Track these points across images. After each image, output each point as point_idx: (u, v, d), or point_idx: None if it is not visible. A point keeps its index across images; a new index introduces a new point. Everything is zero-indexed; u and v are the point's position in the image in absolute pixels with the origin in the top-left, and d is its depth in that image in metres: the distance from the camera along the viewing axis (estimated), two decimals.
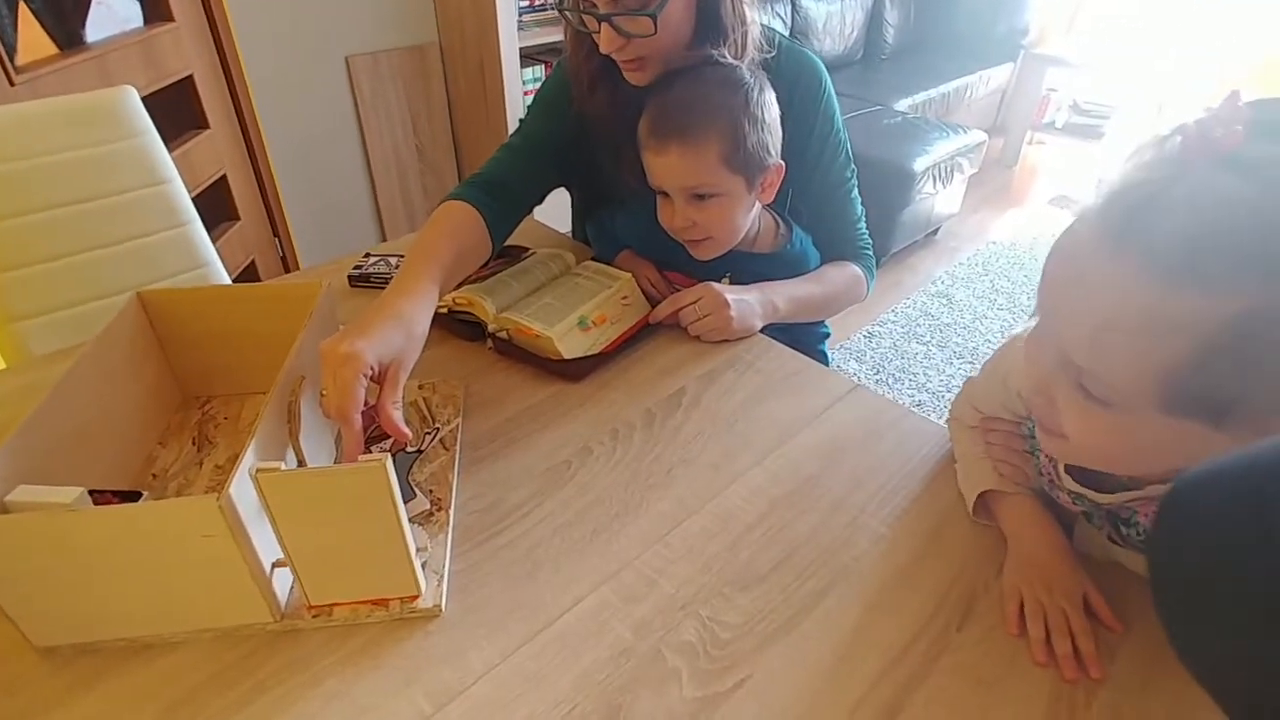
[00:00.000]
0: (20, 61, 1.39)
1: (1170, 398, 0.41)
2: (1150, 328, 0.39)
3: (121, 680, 0.53)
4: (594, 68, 0.89)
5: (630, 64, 0.83)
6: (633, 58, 0.82)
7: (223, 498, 0.48)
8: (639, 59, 0.82)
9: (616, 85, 0.89)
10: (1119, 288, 0.40)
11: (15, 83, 1.34)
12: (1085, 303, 0.43)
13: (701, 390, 0.82)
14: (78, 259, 1.14)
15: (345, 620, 0.56)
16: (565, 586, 0.60)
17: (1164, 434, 0.43)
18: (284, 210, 2.26)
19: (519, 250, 1.04)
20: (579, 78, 0.91)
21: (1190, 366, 0.39)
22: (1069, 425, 0.47)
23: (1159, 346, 0.39)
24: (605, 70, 0.89)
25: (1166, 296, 0.39)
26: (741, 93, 0.83)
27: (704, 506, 0.68)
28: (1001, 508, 0.66)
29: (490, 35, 2.25)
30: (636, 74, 0.85)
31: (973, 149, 2.70)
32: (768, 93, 0.86)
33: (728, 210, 0.87)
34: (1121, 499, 0.56)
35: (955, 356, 2.25)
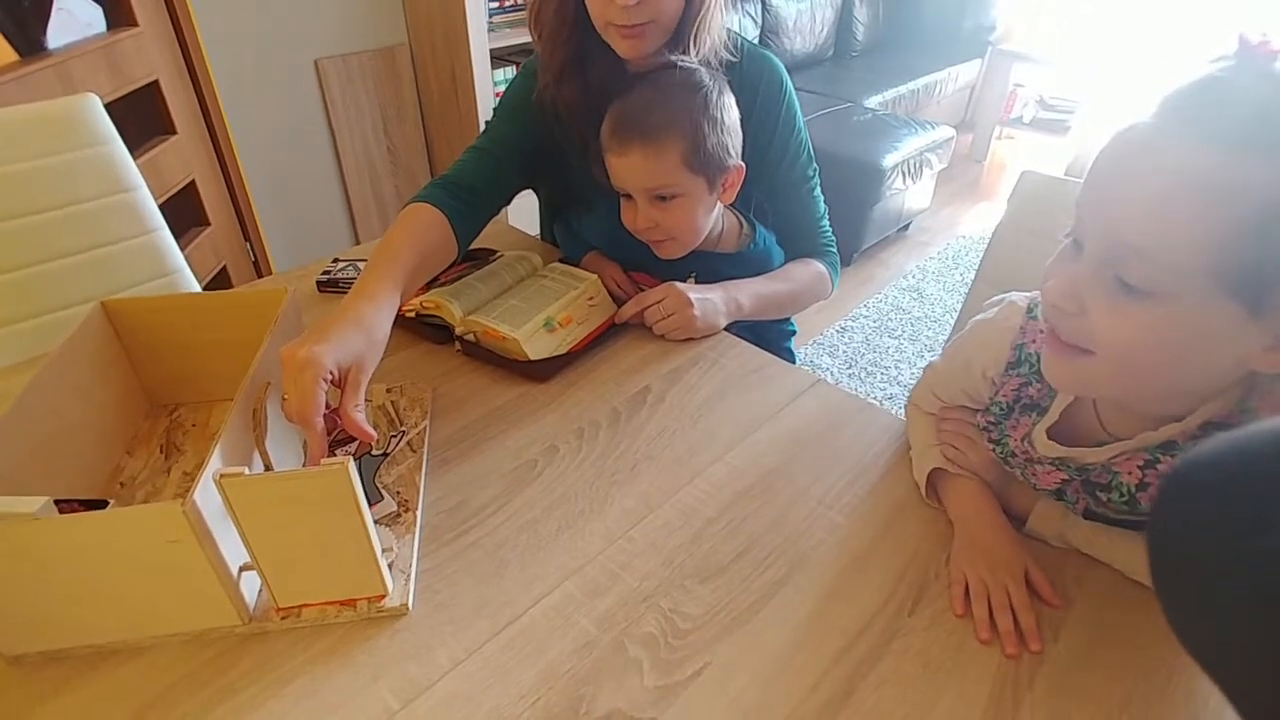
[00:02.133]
0: None
1: (1223, 269, 0.42)
2: (1216, 192, 0.41)
3: (90, 687, 0.54)
4: (568, 54, 0.90)
5: (633, 30, 0.82)
6: (642, 21, 0.81)
7: (187, 503, 0.49)
8: (646, 24, 0.82)
9: (587, 76, 0.91)
10: (1185, 156, 0.42)
11: None
12: (1148, 178, 0.44)
13: (666, 388, 0.84)
14: (42, 269, 1.13)
15: (313, 621, 0.57)
16: (531, 583, 0.62)
17: (1201, 324, 0.44)
18: (255, 214, 2.24)
19: (487, 253, 1.05)
20: (549, 66, 0.91)
21: (1250, 234, 0.40)
22: (1100, 327, 0.47)
23: (1222, 211, 0.41)
24: (576, 59, 0.90)
25: (1232, 163, 0.41)
26: (701, 95, 0.85)
27: (667, 501, 0.70)
28: (948, 490, 0.68)
29: (460, 36, 2.26)
30: (636, 42, 0.84)
31: (942, 144, 2.75)
32: (727, 95, 0.88)
33: (689, 211, 0.89)
34: (1108, 452, 0.57)
35: (926, 350, 2.29)
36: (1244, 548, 0.30)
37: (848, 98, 3.04)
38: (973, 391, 0.68)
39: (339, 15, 2.25)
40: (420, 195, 0.88)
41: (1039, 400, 0.62)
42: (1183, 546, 0.34)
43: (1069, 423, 0.61)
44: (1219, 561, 0.32)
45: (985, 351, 0.65)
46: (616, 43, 0.85)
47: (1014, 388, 0.63)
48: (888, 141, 2.61)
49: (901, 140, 2.63)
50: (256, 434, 0.61)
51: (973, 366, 0.66)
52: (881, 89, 3.19)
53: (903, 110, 3.23)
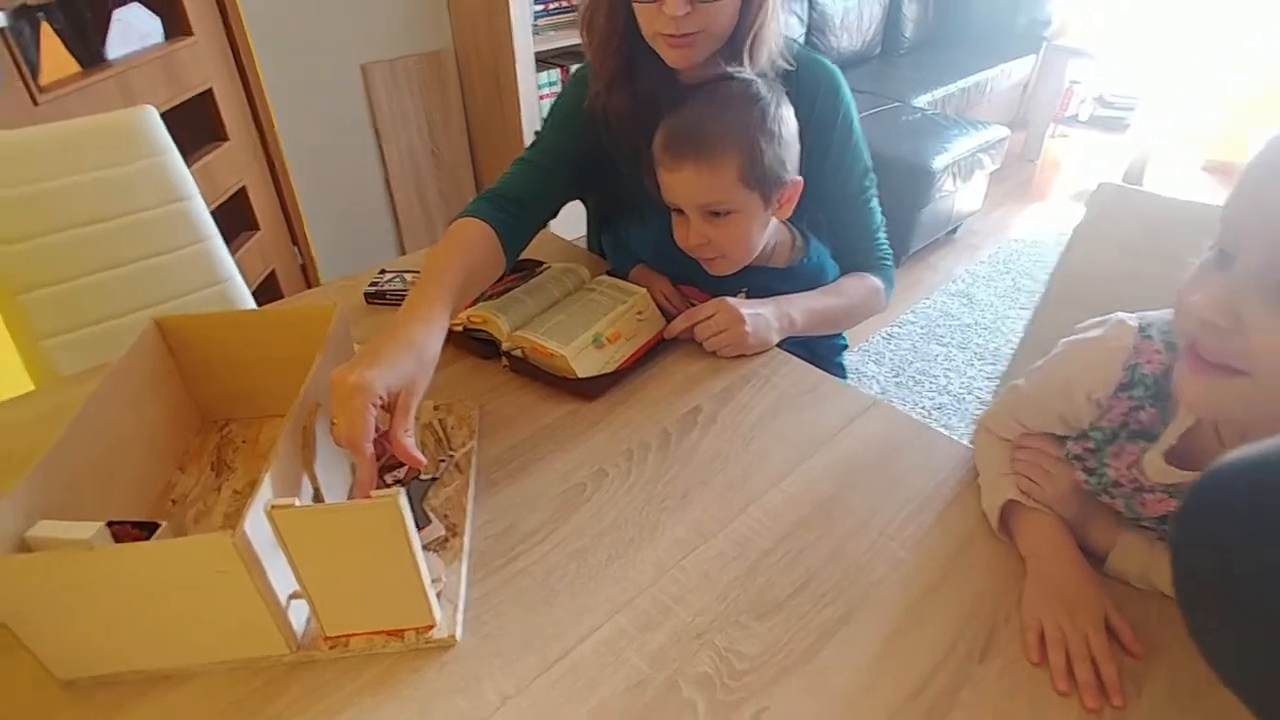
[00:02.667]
0: (44, 81, 1.41)
1: None
2: None
3: (141, 713, 0.54)
4: (619, 63, 0.88)
5: (683, 39, 0.80)
6: (692, 31, 0.79)
7: (237, 535, 0.48)
8: (696, 34, 0.80)
9: (638, 84, 0.89)
10: None
11: (39, 102, 1.36)
12: None
13: (717, 408, 0.82)
14: (100, 277, 1.16)
15: (361, 651, 0.56)
16: (580, 615, 0.60)
17: None
18: (303, 219, 2.28)
19: (533, 264, 1.04)
20: (601, 73, 0.90)
21: None
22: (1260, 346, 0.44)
23: None
24: (630, 66, 0.88)
25: None
26: (758, 107, 0.82)
27: (721, 530, 0.67)
28: (1021, 525, 0.64)
29: (504, 40, 2.26)
30: (685, 51, 0.82)
31: (994, 145, 2.66)
32: (785, 108, 0.85)
33: (743, 227, 0.86)
34: None
35: (976, 358, 2.22)
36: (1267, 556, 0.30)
37: (896, 97, 2.96)
38: (1071, 416, 0.64)
39: (385, 20, 2.27)
40: (468, 209, 0.87)
41: (1149, 426, 0.58)
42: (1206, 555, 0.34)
43: (1184, 446, 0.57)
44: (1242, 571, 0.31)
45: (1092, 373, 0.61)
46: (665, 52, 0.83)
47: (1123, 411, 0.59)
48: (937, 142, 2.54)
49: (951, 140, 2.56)
50: (305, 457, 0.60)
51: (1075, 389, 0.62)
52: (931, 87, 3.10)
53: (952, 109, 3.14)
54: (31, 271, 1.11)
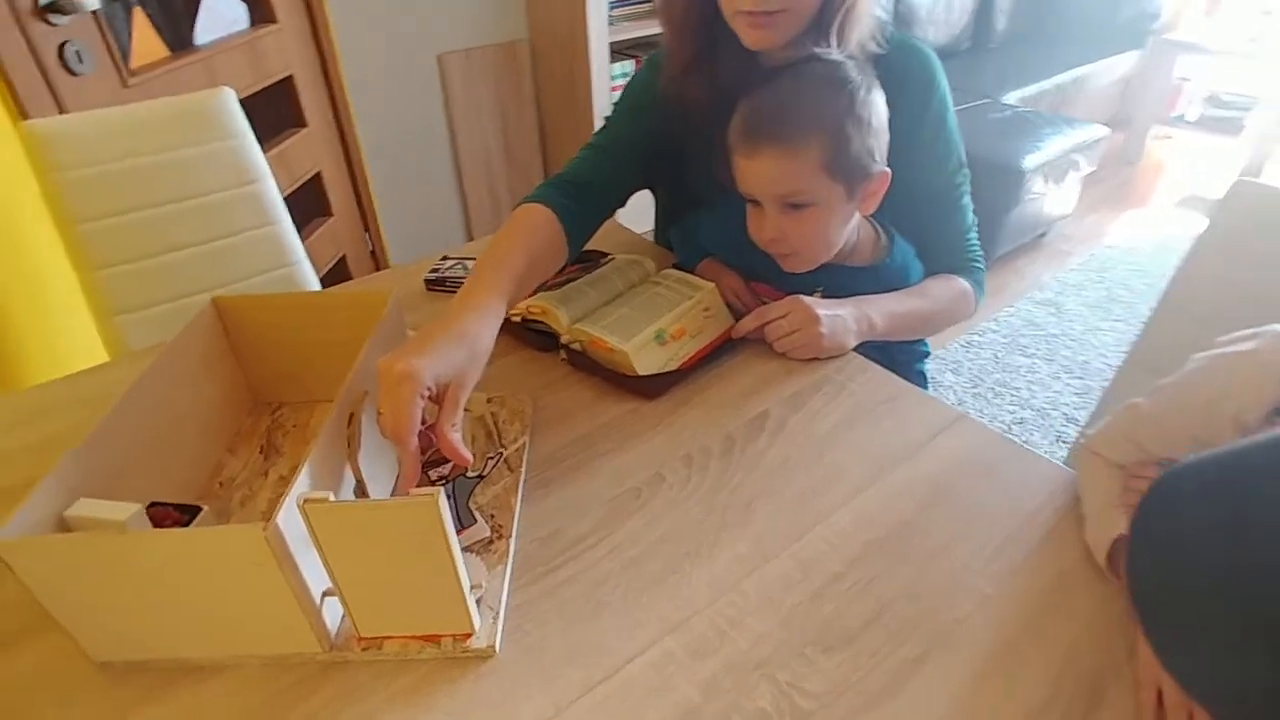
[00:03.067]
0: (134, 64, 1.46)
1: None
2: None
3: (171, 703, 0.52)
4: (695, 48, 0.83)
5: (764, 18, 0.75)
6: (774, 9, 0.74)
7: (269, 528, 0.45)
8: (779, 13, 0.74)
9: (715, 69, 0.84)
10: None
11: (129, 84, 1.40)
12: None
13: (787, 414, 0.76)
14: (173, 257, 1.18)
15: (395, 655, 0.53)
16: (629, 633, 0.55)
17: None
18: (375, 207, 2.31)
19: (597, 255, 1.00)
20: (676, 58, 0.86)
21: None
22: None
23: None
24: (706, 51, 0.83)
25: None
26: (846, 92, 0.76)
27: (785, 550, 0.61)
28: None
29: (580, 30, 2.23)
30: (766, 32, 0.76)
31: (1091, 145, 2.49)
32: (876, 93, 0.78)
33: (822, 221, 0.80)
34: None
35: (1063, 370, 2.08)
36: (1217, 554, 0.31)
37: (985, 93, 2.81)
38: (1207, 438, 0.55)
39: (463, 10, 2.27)
40: (533, 195, 0.84)
41: None
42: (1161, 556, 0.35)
43: None
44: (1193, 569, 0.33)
45: (1244, 392, 0.52)
46: (745, 33, 0.78)
47: None
48: (1029, 141, 2.39)
49: (1044, 139, 2.40)
50: (349, 448, 0.57)
51: (1220, 407, 0.53)
52: (1023, 83, 2.93)
53: (1046, 106, 2.95)
54: (109, 248, 1.13)
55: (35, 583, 0.48)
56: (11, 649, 0.55)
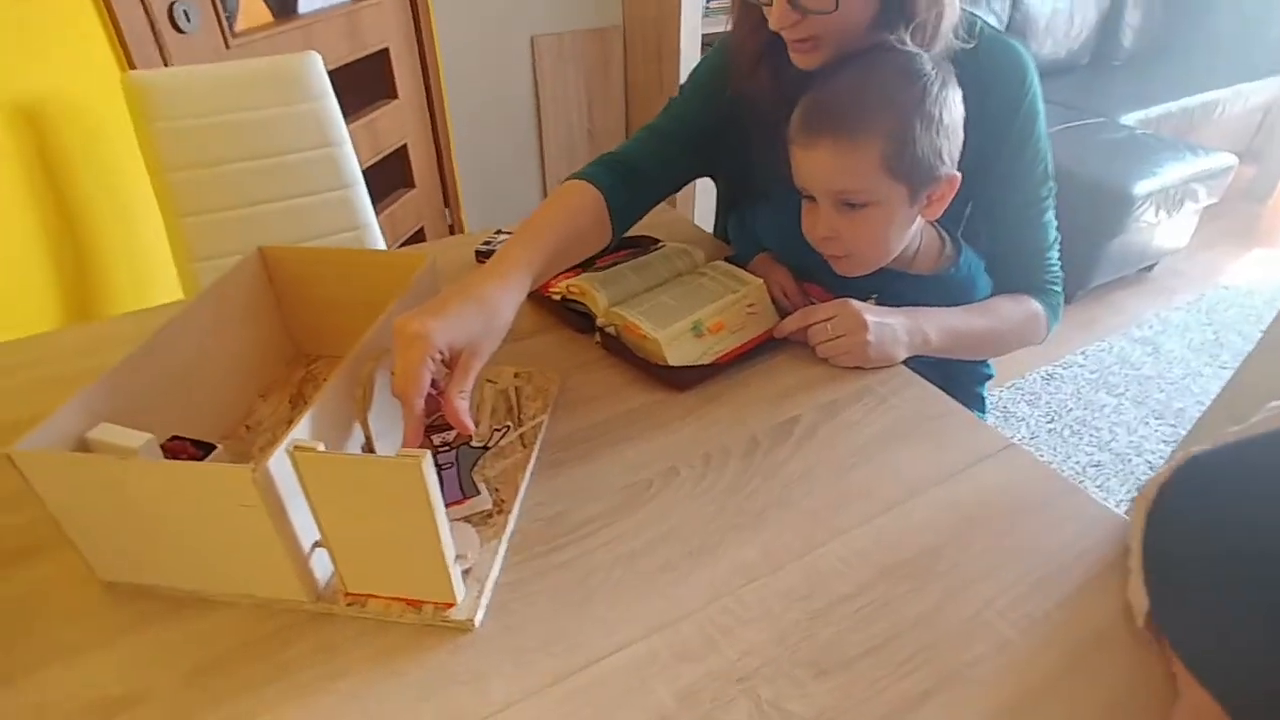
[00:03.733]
0: (239, 28, 1.53)
1: None
2: None
3: (165, 630, 0.53)
4: (758, 45, 0.80)
5: (801, 44, 0.73)
6: (805, 36, 0.71)
7: (258, 471, 0.45)
8: (812, 38, 0.72)
9: (781, 65, 0.80)
10: None
11: (230, 45, 1.47)
12: None
13: (819, 422, 0.72)
14: (251, 210, 1.23)
15: (378, 615, 0.53)
16: (614, 626, 0.53)
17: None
18: (457, 182, 2.36)
19: (648, 241, 0.98)
20: (740, 55, 0.83)
21: None
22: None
23: None
24: (770, 47, 0.80)
25: None
26: (918, 86, 0.70)
27: (794, 562, 0.58)
28: None
29: (672, 20, 2.21)
30: (806, 56, 0.74)
31: (1214, 175, 2.30)
32: (950, 90, 0.72)
33: (880, 223, 0.75)
34: None
35: (1153, 415, 1.93)
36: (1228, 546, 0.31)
37: (1101, 112, 2.63)
38: None
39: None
40: (583, 171, 0.82)
41: None
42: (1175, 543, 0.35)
43: None
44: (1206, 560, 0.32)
45: None
46: (791, 52, 0.75)
47: None
48: (1143, 165, 2.22)
49: (1161, 165, 2.23)
50: (360, 404, 0.57)
51: None
52: (1145, 104, 2.73)
53: (1169, 131, 2.74)
54: (194, 198, 1.19)
55: (49, 497, 0.50)
56: (28, 560, 0.58)
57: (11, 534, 0.60)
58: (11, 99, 1.08)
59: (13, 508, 0.62)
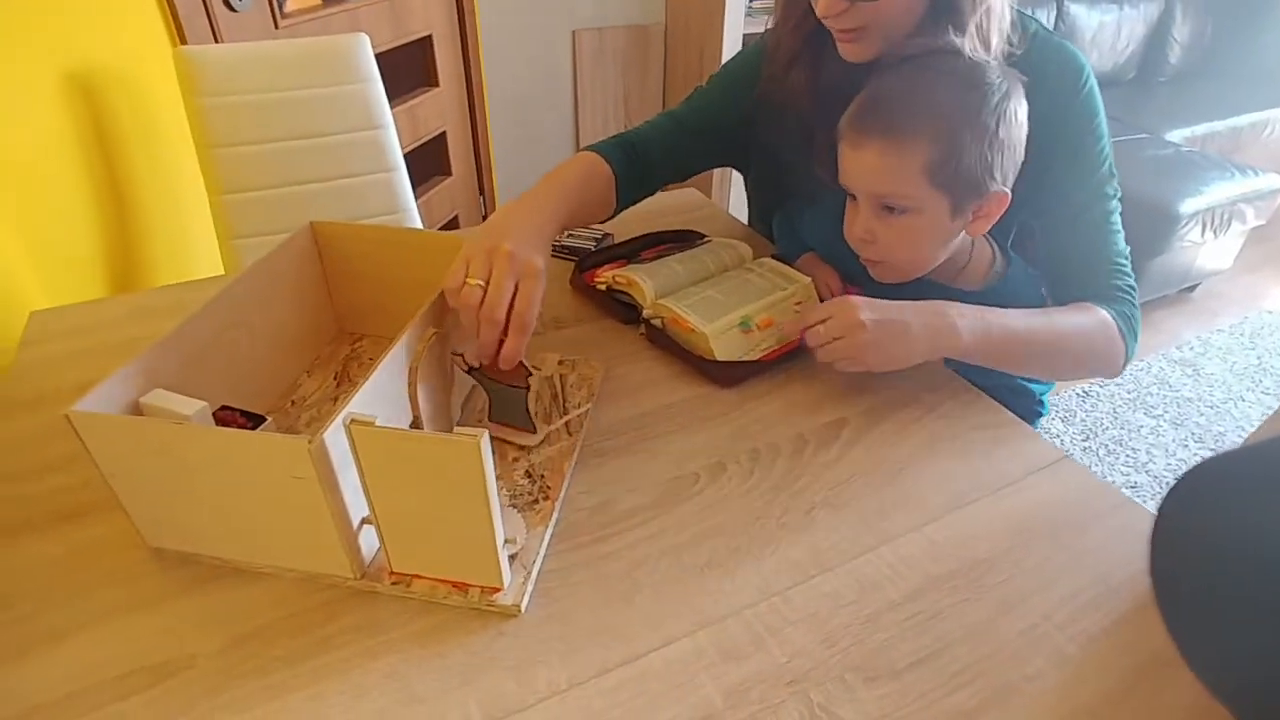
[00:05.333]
0: (288, 9, 1.54)
1: None
2: None
3: (207, 598, 0.53)
4: (797, 43, 0.79)
5: (847, 34, 0.72)
6: (852, 26, 0.70)
7: (315, 442, 0.45)
8: (859, 28, 0.70)
9: (819, 66, 0.79)
10: None
11: (280, 25, 1.47)
12: None
13: (867, 426, 0.70)
14: (293, 189, 1.23)
15: (422, 595, 0.52)
16: (660, 620, 0.52)
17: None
18: (493, 172, 2.36)
19: (694, 235, 0.97)
20: (777, 53, 0.82)
21: None
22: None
23: None
24: (809, 47, 0.79)
25: None
26: (975, 95, 0.67)
27: (842, 565, 0.57)
28: None
29: (715, 19, 2.20)
30: (852, 46, 0.73)
31: (1263, 196, 2.24)
32: (1014, 103, 0.69)
33: (918, 233, 0.72)
34: None
35: (1192, 439, 1.88)
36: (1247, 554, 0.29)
37: (1145, 129, 2.58)
38: None
39: None
40: (599, 145, 0.85)
41: None
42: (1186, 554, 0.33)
43: None
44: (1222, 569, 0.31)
45: None
46: (838, 42, 0.74)
47: None
48: (1189, 184, 2.17)
49: (1208, 184, 2.18)
50: (411, 383, 0.57)
51: None
52: (1191, 122, 2.67)
53: (1216, 150, 2.68)
54: (238, 174, 1.19)
55: (102, 459, 0.50)
56: (80, 521, 0.58)
57: (64, 495, 0.61)
58: (68, 70, 1.09)
59: (66, 468, 0.63)
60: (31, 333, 0.83)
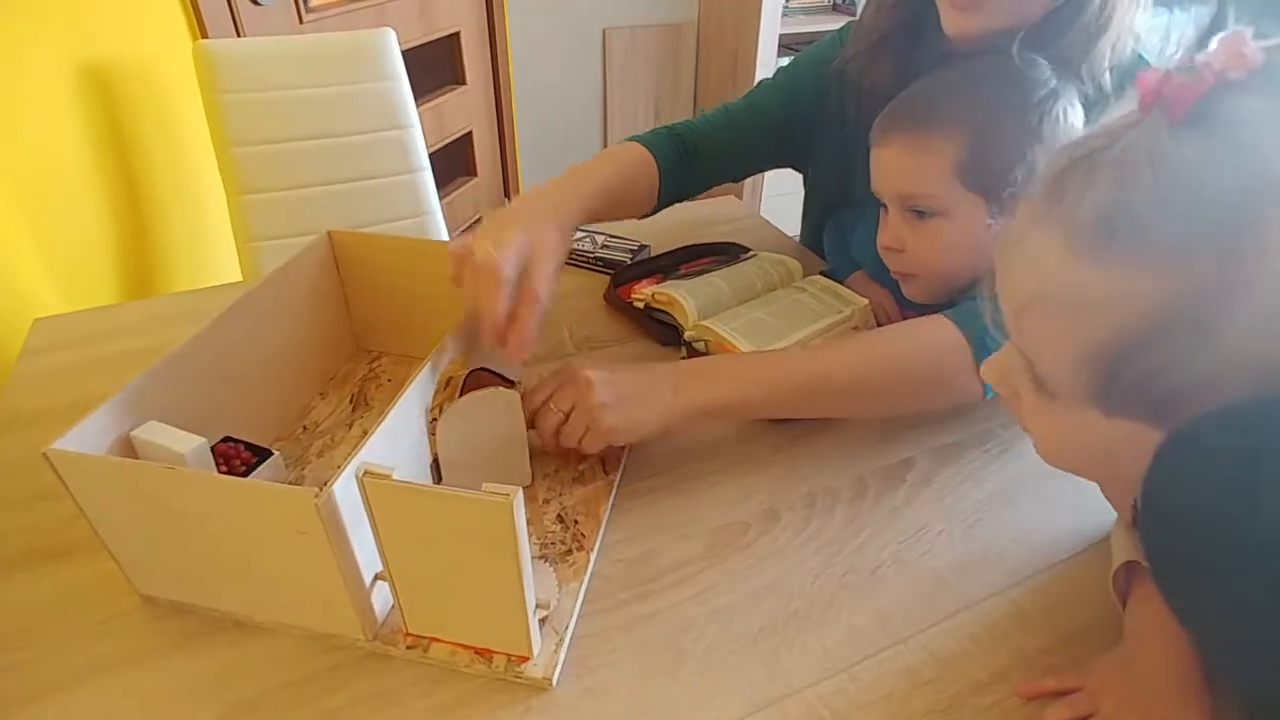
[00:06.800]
0: (313, 3, 1.49)
1: (1102, 391, 0.34)
2: (1070, 305, 0.33)
3: (204, 656, 0.47)
4: (892, 24, 0.71)
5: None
6: None
7: (322, 496, 0.39)
8: None
9: (909, 56, 0.71)
10: (1039, 260, 0.34)
11: (304, 20, 1.43)
12: (1012, 279, 0.37)
13: (935, 468, 0.63)
14: (316, 190, 1.18)
15: (441, 662, 0.46)
16: (710, 697, 0.46)
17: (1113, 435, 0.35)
18: (519, 173, 2.31)
19: (738, 249, 0.91)
20: (865, 32, 0.75)
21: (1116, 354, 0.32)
22: (1029, 421, 0.41)
23: (1081, 328, 0.33)
24: (904, 31, 0.71)
25: (1088, 270, 0.32)
26: (1018, 91, 0.60)
27: (915, 635, 0.50)
28: (1136, 595, 0.49)
29: (751, 19, 2.12)
30: (968, 15, 0.63)
31: None
32: (1065, 104, 0.61)
33: (949, 239, 0.64)
34: None
35: None
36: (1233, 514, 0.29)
37: None
38: None
39: None
40: (642, 136, 0.79)
41: None
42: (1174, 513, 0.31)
43: None
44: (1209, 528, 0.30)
45: None
46: (946, 13, 0.64)
47: None
48: None
49: None
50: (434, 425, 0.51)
51: None
52: None
53: None
54: (259, 174, 1.15)
55: (85, 501, 0.44)
56: (66, 560, 0.53)
57: (56, 527, 0.56)
58: (83, 64, 1.05)
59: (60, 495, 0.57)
60: (34, 341, 0.78)
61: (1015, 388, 0.40)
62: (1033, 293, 0.35)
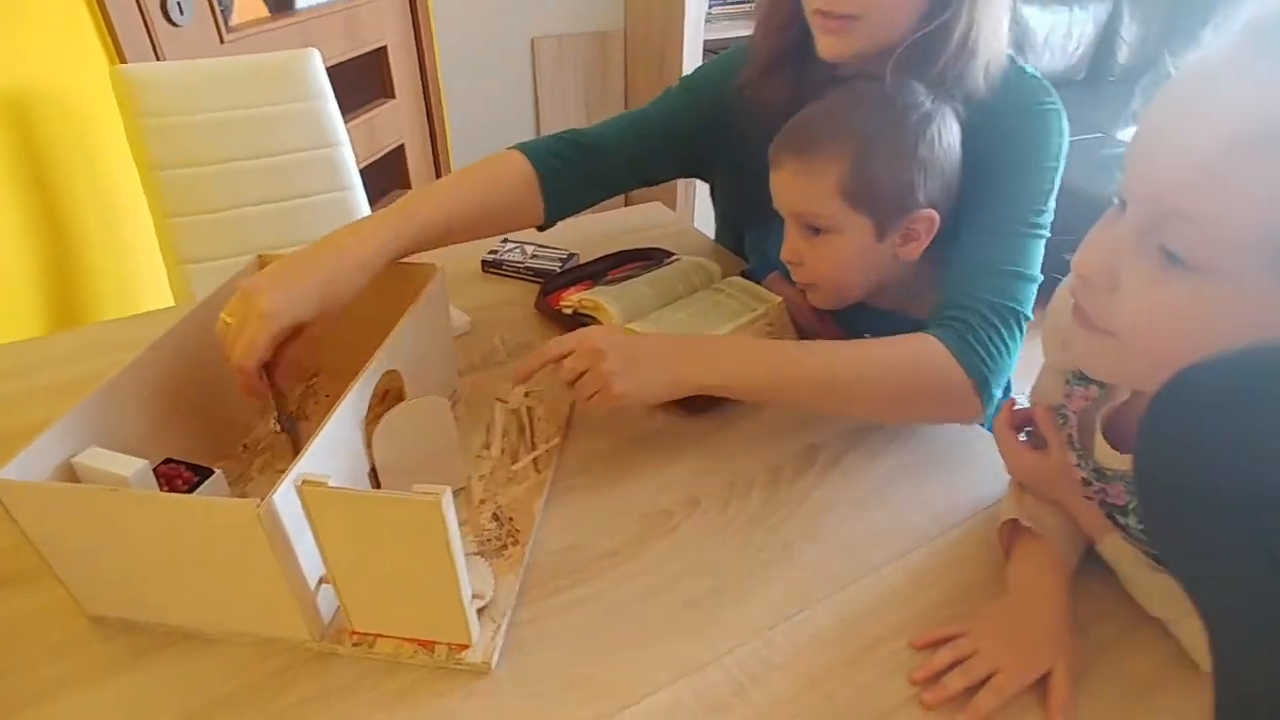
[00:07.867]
0: (234, 22, 1.48)
1: None
2: None
3: (157, 669, 0.49)
4: (781, 45, 0.76)
5: (836, 22, 0.66)
6: (844, 13, 0.65)
7: (263, 507, 0.42)
8: (849, 16, 0.65)
9: (802, 74, 0.76)
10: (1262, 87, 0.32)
11: (225, 40, 1.42)
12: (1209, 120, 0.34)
13: (843, 450, 0.69)
14: (244, 212, 1.19)
15: (386, 656, 0.49)
16: (639, 670, 0.50)
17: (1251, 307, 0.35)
18: None
19: (661, 254, 0.95)
20: (760, 53, 0.78)
21: None
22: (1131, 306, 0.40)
23: None
24: (793, 52, 0.75)
25: None
26: (891, 113, 0.66)
27: (824, 600, 0.55)
28: (1019, 550, 0.56)
29: (675, 25, 2.18)
30: (835, 38, 0.67)
31: None
32: (941, 124, 0.66)
33: (840, 254, 0.70)
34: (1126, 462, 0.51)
35: None
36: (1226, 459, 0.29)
37: (1097, 128, 2.64)
38: None
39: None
40: (533, 143, 0.79)
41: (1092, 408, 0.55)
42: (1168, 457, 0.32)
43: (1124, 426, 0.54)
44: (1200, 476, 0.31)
45: None
46: (818, 37, 0.69)
47: None
48: None
49: None
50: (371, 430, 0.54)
51: None
52: None
53: None
54: (185, 197, 1.15)
55: (30, 527, 0.46)
56: (12, 588, 0.54)
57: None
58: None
59: None
60: None
61: (1117, 276, 0.39)
62: (1238, 132, 0.33)
